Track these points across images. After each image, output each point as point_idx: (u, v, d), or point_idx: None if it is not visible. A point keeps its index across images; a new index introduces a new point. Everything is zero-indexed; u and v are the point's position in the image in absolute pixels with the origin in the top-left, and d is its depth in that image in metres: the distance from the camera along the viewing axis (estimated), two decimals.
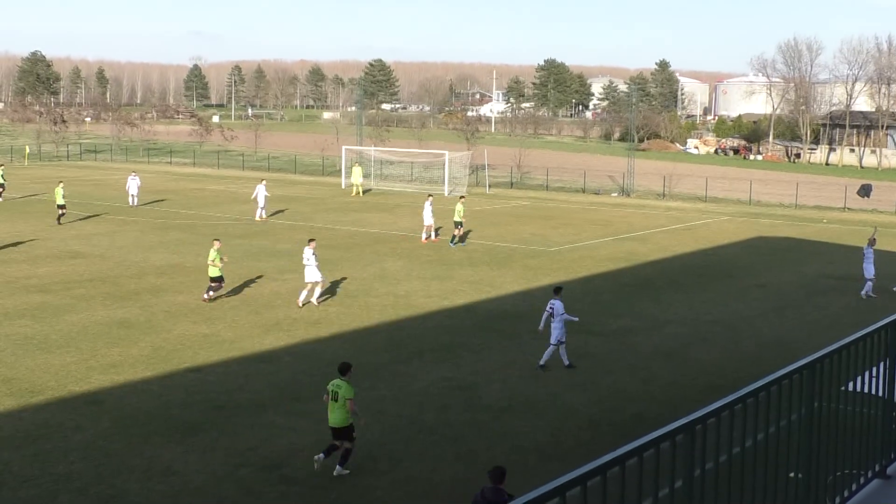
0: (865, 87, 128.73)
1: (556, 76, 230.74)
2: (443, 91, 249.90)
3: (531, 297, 33.47)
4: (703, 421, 5.33)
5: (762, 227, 54.51)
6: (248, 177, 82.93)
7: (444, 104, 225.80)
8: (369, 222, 52.57)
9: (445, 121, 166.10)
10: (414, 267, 38.55)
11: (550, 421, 20.76)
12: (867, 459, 7.56)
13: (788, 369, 6.23)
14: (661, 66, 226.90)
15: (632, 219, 57.15)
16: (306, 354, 25.53)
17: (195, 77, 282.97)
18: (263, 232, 47.87)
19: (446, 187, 69.94)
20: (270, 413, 20.72)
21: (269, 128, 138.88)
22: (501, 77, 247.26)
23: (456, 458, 18.47)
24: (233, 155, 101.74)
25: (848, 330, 7.72)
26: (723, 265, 41.16)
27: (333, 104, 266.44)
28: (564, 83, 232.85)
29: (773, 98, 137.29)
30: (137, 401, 21.33)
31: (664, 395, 22.63)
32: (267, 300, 31.94)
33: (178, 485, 16.85)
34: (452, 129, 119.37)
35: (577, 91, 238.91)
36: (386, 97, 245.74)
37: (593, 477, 4.58)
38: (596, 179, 77.91)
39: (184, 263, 38.27)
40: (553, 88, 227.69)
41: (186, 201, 61.59)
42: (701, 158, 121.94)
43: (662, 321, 30.28)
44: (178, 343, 26.23)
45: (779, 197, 68.85)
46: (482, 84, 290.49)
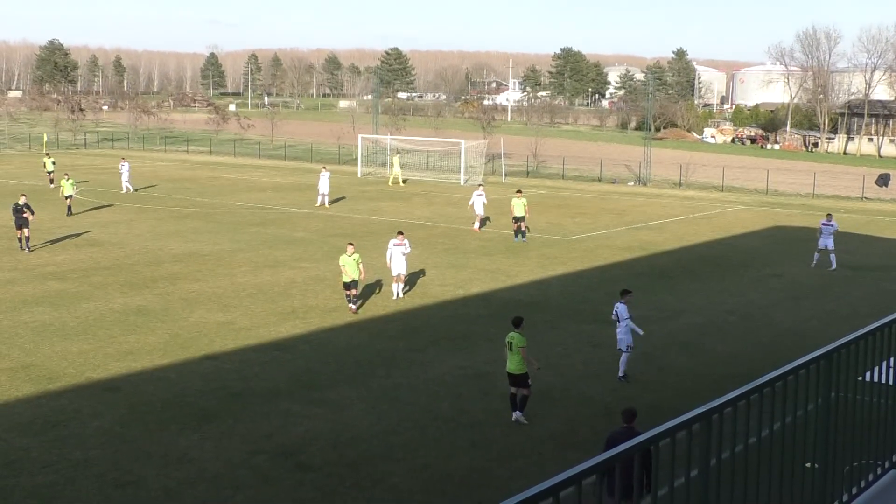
0: (884, 76, 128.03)
1: (573, 65, 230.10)
2: (459, 80, 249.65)
3: (547, 286, 33.46)
4: (719, 410, 5.33)
5: (779, 217, 54.29)
6: (265, 165, 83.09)
7: (460, 93, 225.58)
8: (385, 211, 52.60)
9: (462, 109, 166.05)
10: (429, 255, 38.56)
11: (566, 409, 20.77)
12: (883, 450, 7.54)
13: (805, 359, 6.21)
14: (677, 55, 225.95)
15: (648, 208, 57.00)
16: (322, 342, 25.60)
17: (212, 65, 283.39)
18: (280, 220, 47.96)
19: (462, 176, 69.89)
20: (286, 401, 20.79)
21: (285, 116, 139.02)
22: (518, 66, 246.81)
23: (472, 446, 18.51)
24: (249, 143, 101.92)
25: (865, 320, 7.70)
26: (739, 255, 41.02)
27: (349, 93, 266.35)
28: (581, 72, 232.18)
29: (790, 87, 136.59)
30: (154, 388, 21.44)
31: (680, 384, 22.60)
32: (283, 288, 32.01)
33: (194, 472, 16.94)
34: (468, 117, 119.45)
35: (593, 80, 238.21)
36: (402, 86, 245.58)
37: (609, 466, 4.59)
38: (612, 168, 77.72)
39: (200, 251, 38.39)
40: (569, 77, 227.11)
41: (203, 189, 61.75)
42: (718, 147, 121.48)
43: (678, 310, 30.22)
44: (195, 331, 26.34)
45: (796, 186, 68.53)
46: (498, 73, 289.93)
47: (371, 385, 22.05)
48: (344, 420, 19.72)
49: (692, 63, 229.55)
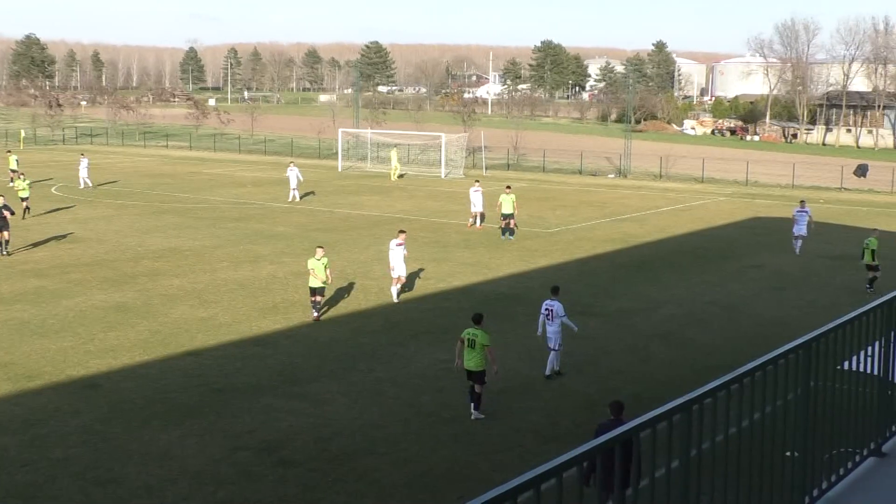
0: (862, 68, 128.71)
1: (553, 57, 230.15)
2: (439, 73, 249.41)
3: (528, 278, 33.49)
4: (699, 401, 5.33)
5: (759, 208, 54.50)
6: (245, 160, 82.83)
7: (440, 86, 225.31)
8: (366, 205, 52.54)
9: (442, 103, 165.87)
10: (411, 249, 38.37)
11: (548, 402, 20.80)
12: (863, 437, 7.57)
13: (785, 349, 6.23)
14: (657, 47, 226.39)
15: (628, 200, 57.13)
16: (303, 337, 25.54)
17: (191, 60, 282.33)
18: (260, 215, 47.83)
19: (443, 170, 69.86)
20: (268, 396, 20.74)
21: (265, 111, 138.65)
22: (498, 59, 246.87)
23: (454, 439, 18.51)
24: (229, 138, 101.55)
25: (844, 309, 7.72)
26: (720, 246, 41.17)
27: (330, 87, 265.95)
28: (561, 64, 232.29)
29: (769, 79, 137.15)
30: (135, 385, 21.34)
31: (662, 375, 22.66)
32: (264, 283, 31.93)
33: (176, 468, 16.87)
34: (449, 111, 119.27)
35: (573, 72, 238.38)
36: (382, 79, 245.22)
37: (590, 457, 4.58)
38: (592, 161, 77.84)
39: (180, 247, 38.24)
40: (550, 70, 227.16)
41: (183, 185, 61.50)
42: (698, 139, 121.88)
43: (660, 302, 30.30)
44: (176, 327, 26.23)
45: (775, 177, 68.80)
46: (479, 66, 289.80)
47: (353, 379, 22.02)
48: (326, 415, 19.69)
49: (672, 55, 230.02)
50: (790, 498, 6.55)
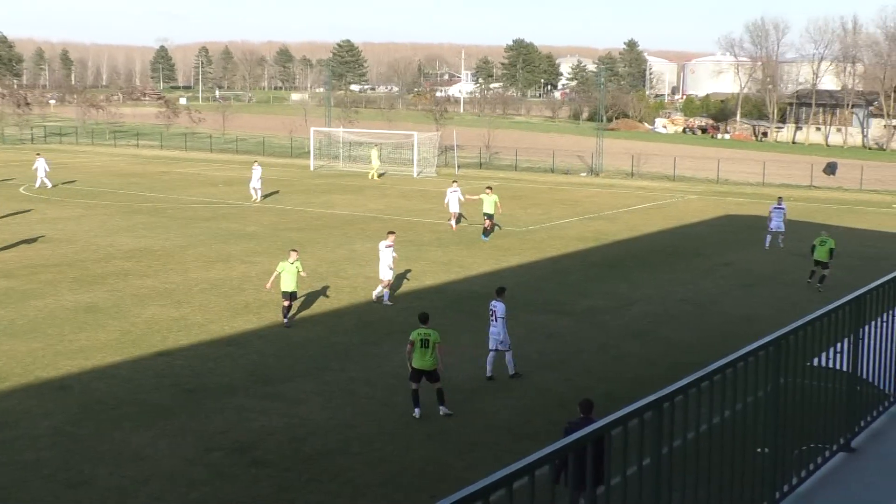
0: (831, 67, 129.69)
1: (525, 56, 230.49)
2: (411, 72, 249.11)
3: (500, 277, 33.50)
4: (670, 398, 5.36)
5: (730, 206, 54.82)
6: (217, 159, 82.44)
7: (412, 85, 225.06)
8: (338, 204, 52.43)
9: (414, 101, 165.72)
10: None
11: (521, 400, 20.85)
12: (832, 433, 7.64)
13: (754, 346, 6.27)
14: (629, 46, 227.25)
15: (600, 198, 57.32)
16: (276, 337, 25.47)
17: (162, 59, 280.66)
18: (232, 215, 47.63)
19: (415, 168, 69.84)
20: (241, 396, 20.67)
21: (236, 109, 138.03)
22: (470, 57, 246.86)
23: (428, 438, 18.52)
24: (201, 137, 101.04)
25: (814, 306, 7.79)
26: (691, 243, 41.39)
27: (301, 85, 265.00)
28: (533, 63, 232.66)
29: (740, 77, 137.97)
30: (106, 386, 21.21)
31: (634, 373, 22.76)
32: (236, 283, 31.80)
33: (147, 470, 16.78)
34: (421, 109, 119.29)
35: (545, 71, 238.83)
36: (354, 78, 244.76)
37: (562, 455, 4.60)
38: (565, 159, 78.01)
39: (152, 247, 38.03)
40: (522, 68, 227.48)
41: (153, 184, 61.14)
42: (669, 137, 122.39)
43: (632, 300, 30.43)
44: (147, 327, 26.08)
45: (746, 175, 69.23)
46: (451, 65, 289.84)
47: (326, 379, 21.99)
48: (299, 415, 19.65)
49: (643, 54, 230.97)
50: (761, 494, 6.60)
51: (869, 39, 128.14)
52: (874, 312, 8.24)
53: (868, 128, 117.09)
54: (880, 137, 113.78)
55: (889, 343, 8.74)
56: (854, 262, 36.67)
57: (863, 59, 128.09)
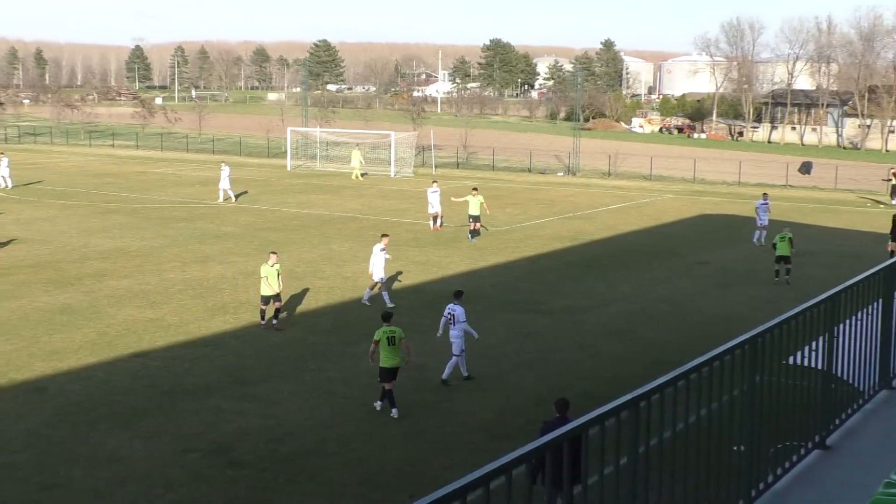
0: (806, 66, 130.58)
1: (502, 56, 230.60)
2: (388, 71, 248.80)
3: (478, 277, 33.55)
4: (647, 397, 5.36)
5: (706, 205, 55.05)
6: (193, 159, 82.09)
7: (389, 85, 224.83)
8: (315, 204, 52.32)
9: (391, 101, 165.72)
10: (360, 248, 38.43)
11: (499, 399, 20.86)
12: (807, 431, 7.68)
13: (730, 344, 6.29)
14: (605, 46, 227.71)
15: (577, 198, 57.43)
16: (253, 338, 25.38)
17: (137, 58, 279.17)
18: (209, 215, 47.44)
19: (392, 168, 69.78)
20: (217, 397, 20.58)
21: (213, 109, 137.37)
22: (447, 57, 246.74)
23: (405, 438, 18.50)
24: (177, 137, 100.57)
25: (790, 305, 7.82)
26: (668, 243, 41.52)
27: (278, 85, 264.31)
28: (510, 63, 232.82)
29: (716, 77, 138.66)
30: (81, 387, 21.07)
31: (611, 372, 22.81)
32: (213, 283, 31.68)
33: (123, 471, 16.68)
34: (398, 109, 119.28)
35: (522, 71, 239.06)
36: (331, 78, 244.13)
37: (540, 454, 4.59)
38: (542, 159, 78.13)
39: (127, 247, 37.82)
40: (499, 68, 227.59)
41: (129, 184, 60.81)
42: (646, 137, 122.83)
43: (609, 299, 30.50)
44: (123, 328, 25.94)
45: (722, 175, 69.54)
46: (428, 64, 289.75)
47: (304, 379, 21.94)
48: (277, 415, 19.59)
49: (620, 54, 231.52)
50: (737, 492, 6.62)
51: (843, 39, 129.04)
52: (849, 311, 8.28)
53: (842, 127, 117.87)
54: (854, 137, 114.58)
55: (864, 341, 8.80)
56: (829, 260, 36.94)
57: (837, 59, 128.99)
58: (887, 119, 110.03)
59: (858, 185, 64.78)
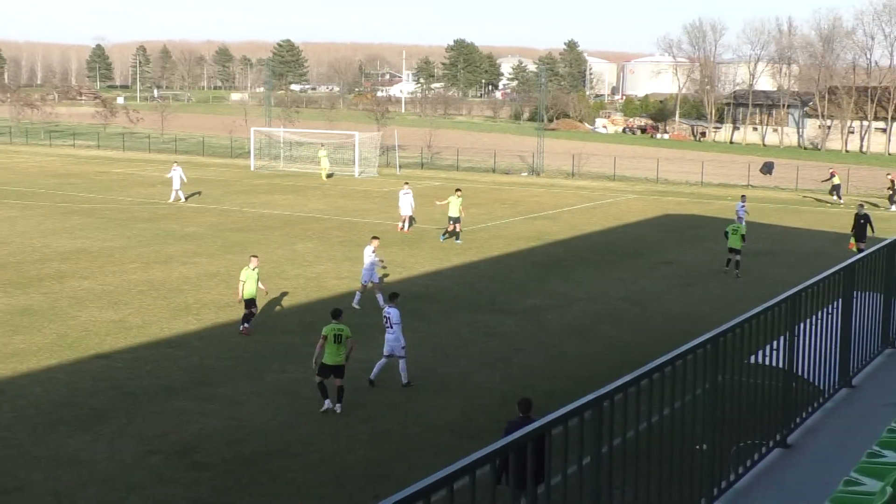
0: (767, 67, 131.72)
1: (466, 56, 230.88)
2: (352, 71, 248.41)
3: (442, 276, 33.57)
4: (610, 396, 5.39)
5: (669, 205, 55.38)
6: (155, 159, 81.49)
7: (353, 85, 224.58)
8: (279, 204, 52.11)
9: (355, 101, 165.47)
10: (325, 248, 38.35)
11: (463, 399, 20.87)
12: (769, 430, 7.74)
13: (693, 344, 6.33)
14: (569, 47, 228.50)
15: (541, 198, 57.59)
16: (216, 338, 25.24)
17: (98, 57, 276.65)
18: (172, 215, 47.11)
19: (357, 168, 69.65)
20: (180, 398, 20.44)
21: (175, 109, 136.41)
22: (411, 57, 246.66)
23: (370, 439, 18.46)
24: (139, 137, 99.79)
25: (752, 304, 7.88)
26: (631, 243, 41.74)
27: (241, 85, 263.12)
28: (474, 63, 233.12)
29: (678, 78, 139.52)
30: (42, 390, 20.84)
31: (575, 371, 22.89)
32: (175, 284, 31.46)
33: (85, 474, 16.53)
34: (362, 109, 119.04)
35: (486, 71, 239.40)
36: (295, 78, 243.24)
37: (503, 454, 4.60)
38: (506, 159, 78.28)
39: (89, 248, 37.48)
40: (463, 69, 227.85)
41: (91, 185, 60.28)
42: (609, 137, 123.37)
43: (573, 299, 30.61)
44: (84, 330, 25.70)
45: (685, 175, 69.98)
46: (392, 64, 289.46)
47: (267, 380, 21.84)
48: (240, 416, 19.49)
49: (583, 54, 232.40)
50: (699, 490, 6.66)
51: (803, 41, 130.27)
52: (809, 310, 8.36)
53: (803, 128, 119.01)
54: (815, 137, 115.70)
55: (824, 340, 8.89)
56: (790, 259, 37.30)
57: (797, 60, 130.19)
58: (847, 120, 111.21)
59: (819, 185, 65.42)
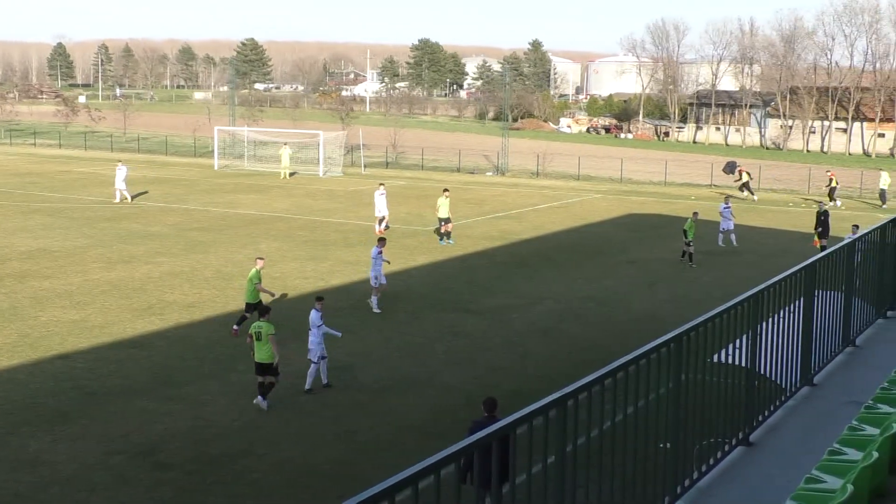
0: (730, 68, 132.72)
1: (431, 56, 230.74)
2: (316, 71, 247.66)
3: (408, 276, 33.54)
4: (574, 395, 5.41)
5: (633, 205, 55.66)
6: (117, 159, 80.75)
7: (318, 84, 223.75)
8: (243, 204, 51.86)
9: (320, 101, 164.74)
10: (289, 248, 38.21)
11: (428, 399, 20.87)
12: (732, 428, 7.80)
13: (656, 343, 6.37)
14: (533, 46, 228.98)
15: (506, 198, 57.68)
16: (180, 338, 25.08)
17: (59, 56, 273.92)
18: (134, 215, 46.76)
19: (321, 168, 69.45)
20: (143, 399, 20.30)
21: (138, 108, 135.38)
22: (376, 57, 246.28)
23: (336, 439, 18.43)
24: (101, 136, 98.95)
25: (715, 303, 7.94)
26: (595, 242, 41.91)
27: (205, 84, 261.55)
28: (439, 63, 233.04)
29: (642, 77, 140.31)
30: (2, 390, 20.62)
31: (540, 370, 22.96)
32: (139, 284, 31.23)
33: (47, 475, 16.38)
34: (327, 108, 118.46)
35: (451, 70, 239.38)
36: (259, 77, 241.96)
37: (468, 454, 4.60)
38: (471, 159, 78.35)
39: (50, 247, 37.13)
40: (427, 68, 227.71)
41: (52, 184, 59.72)
42: (573, 137, 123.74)
43: (537, 298, 30.69)
44: (46, 329, 25.46)
45: (649, 175, 70.33)
46: (356, 64, 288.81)
47: (231, 380, 21.73)
48: (204, 416, 19.39)
49: (548, 54, 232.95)
50: (663, 489, 6.70)
51: (765, 41, 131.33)
52: (771, 309, 8.43)
53: (765, 128, 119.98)
54: (777, 137, 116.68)
55: (786, 339, 8.97)
56: (753, 258, 37.60)
57: (759, 61, 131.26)
58: (808, 120, 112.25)
59: (781, 184, 65.98)
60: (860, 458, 6.98)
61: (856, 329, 11.47)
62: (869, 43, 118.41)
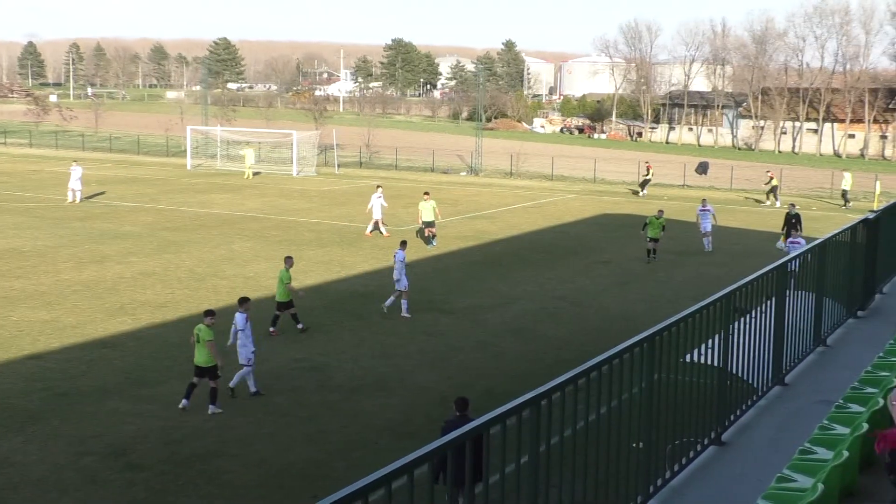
0: (702, 68, 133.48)
1: (404, 55, 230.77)
2: (290, 70, 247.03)
3: (382, 276, 33.48)
4: (548, 395, 5.42)
5: (606, 205, 55.84)
6: (89, 158, 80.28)
7: (291, 83, 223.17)
8: (216, 203, 51.65)
9: (293, 100, 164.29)
10: (262, 248, 38.08)
11: (402, 399, 20.85)
12: (704, 427, 7.84)
13: (629, 343, 6.39)
14: (507, 47, 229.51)
15: (480, 198, 57.74)
16: (152, 339, 24.94)
17: (30, 54, 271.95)
18: (106, 214, 46.46)
19: (295, 167, 69.29)
20: (115, 399, 20.17)
21: (110, 107, 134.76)
22: (349, 56, 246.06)
23: (308, 439, 18.37)
24: (72, 135, 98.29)
25: (688, 303, 7.98)
26: (569, 242, 42.01)
27: (177, 83, 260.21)
28: (412, 62, 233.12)
29: (615, 78, 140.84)
30: None
31: (514, 370, 22.98)
32: (111, 284, 31.03)
33: (16, 476, 16.25)
34: (300, 108, 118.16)
35: (425, 70, 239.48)
36: (232, 76, 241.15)
37: (441, 454, 4.60)
38: (444, 159, 78.37)
39: (21, 247, 36.83)
40: (401, 68, 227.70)
41: (23, 183, 59.27)
42: (547, 137, 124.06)
43: (511, 298, 30.72)
44: (16, 329, 25.25)
45: (622, 175, 70.58)
46: (330, 63, 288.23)
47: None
48: (176, 417, 19.28)
49: (521, 54, 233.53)
50: (636, 488, 6.73)
51: (737, 42, 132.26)
52: (744, 309, 8.47)
53: (737, 128, 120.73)
54: (749, 138, 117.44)
55: (757, 339, 9.02)
56: (725, 258, 37.81)
57: (731, 62, 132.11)
58: (779, 121, 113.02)
59: (753, 185, 66.35)
60: (831, 457, 7.03)
61: (827, 329, 11.55)
62: (839, 44, 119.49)
